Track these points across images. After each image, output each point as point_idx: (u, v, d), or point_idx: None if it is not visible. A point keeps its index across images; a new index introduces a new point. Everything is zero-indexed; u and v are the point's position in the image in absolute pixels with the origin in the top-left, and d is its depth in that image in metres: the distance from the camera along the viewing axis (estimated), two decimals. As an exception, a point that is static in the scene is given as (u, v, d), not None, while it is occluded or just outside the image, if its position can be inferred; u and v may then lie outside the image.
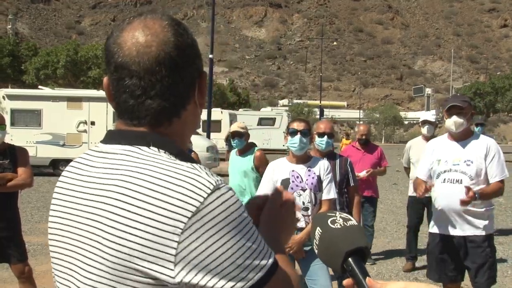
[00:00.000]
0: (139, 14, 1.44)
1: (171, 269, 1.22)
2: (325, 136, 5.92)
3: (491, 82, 47.12)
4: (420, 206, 8.74)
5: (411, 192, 8.73)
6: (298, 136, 4.92)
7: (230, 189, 1.30)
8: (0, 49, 50.75)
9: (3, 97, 23.72)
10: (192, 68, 1.42)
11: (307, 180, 4.94)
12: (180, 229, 1.21)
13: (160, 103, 1.37)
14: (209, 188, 1.24)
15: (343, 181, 6.20)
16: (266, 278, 1.28)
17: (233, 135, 7.01)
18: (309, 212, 4.93)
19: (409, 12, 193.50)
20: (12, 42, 56.84)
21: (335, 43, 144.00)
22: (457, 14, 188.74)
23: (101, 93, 23.06)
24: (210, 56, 28.98)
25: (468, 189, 4.80)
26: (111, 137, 1.42)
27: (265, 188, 5.05)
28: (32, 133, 23.02)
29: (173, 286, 1.24)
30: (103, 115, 22.83)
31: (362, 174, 8.24)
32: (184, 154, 1.39)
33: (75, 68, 47.49)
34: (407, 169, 8.91)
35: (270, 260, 1.30)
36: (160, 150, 1.34)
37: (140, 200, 1.24)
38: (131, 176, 1.28)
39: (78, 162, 1.47)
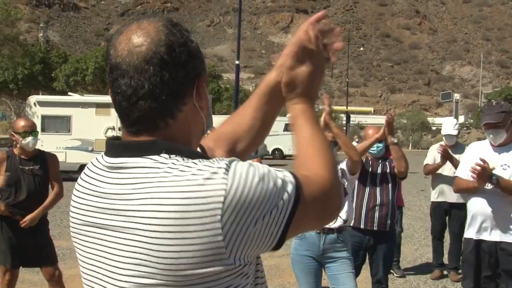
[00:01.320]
0: (139, 18, 1.49)
1: (226, 257, 1.29)
2: (376, 142, 5.95)
3: (522, 88, 46.56)
4: (443, 212, 8.62)
5: (433, 198, 8.67)
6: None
7: (239, 161, 1.35)
8: (32, 56, 51.23)
9: (34, 104, 24.14)
10: (186, 68, 1.41)
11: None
12: (219, 221, 1.26)
13: (151, 103, 1.37)
14: (224, 173, 1.29)
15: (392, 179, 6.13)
16: (295, 207, 1.35)
17: None
18: None
19: (437, 17, 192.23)
20: (43, 50, 57.36)
21: (361, 48, 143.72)
22: (487, 19, 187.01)
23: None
24: (237, 62, 28.95)
25: (484, 161, 4.80)
26: (116, 149, 1.43)
27: None
28: (62, 139, 23.32)
29: (232, 266, 1.32)
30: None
31: None
32: (195, 152, 1.43)
33: (103, 75, 47.70)
34: (428, 167, 8.64)
35: (290, 188, 1.35)
36: (171, 156, 1.35)
37: (177, 211, 1.26)
38: (159, 192, 1.29)
39: (88, 176, 1.48)
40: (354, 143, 7.18)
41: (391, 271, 7.79)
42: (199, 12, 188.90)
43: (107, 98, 27.09)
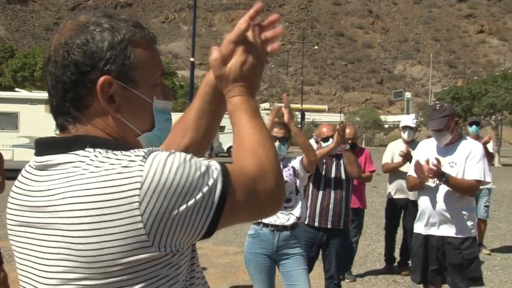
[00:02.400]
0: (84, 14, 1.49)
1: (149, 245, 1.28)
2: (330, 139, 5.93)
3: (468, 87, 47.33)
4: (398, 208, 8.64)
5: (388, 194, 8.70)
6: (277, 143, 4.83)
7: (160, 151, 1.34)
8: (-24, 51, 50.26)
9: None
10: (79, 68, 1.38)
11: (287, 173, 4.96)
12: (138, 208, 1.25)
13: (53, 101, 1.42)
14: (141, 161, 1.28)
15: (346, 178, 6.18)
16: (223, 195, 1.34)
17: None
18: (291, 203, 4.92)
19: (389, 16, 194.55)
20: (-12, 44, 56.30)
21: (316, 47, 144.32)
22: (436, 20, 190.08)
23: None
24: (192, 59, 29.03)
25: (438, 161, 4.98)
26: (43, 148, 1.42)
27: None
28: (9, 136, 22.77)
29: (157, 255, 1.30)
30: None
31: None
32: (120, 144, 1.39)
33: (53, 71, 47.14)
34: (387, 165, 8.67)
35: (216, 174, 1.35)
36: (96, 149, 1.34)
37: (94, 201, 1.26)
38: (77, 185, 1.28)
39: (23, 177, 1.46)
40: (312, 140, 7.17)
41: (343, 276, 7.72)
42: (153, 8, 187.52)
43: (57, 95, 26.97)
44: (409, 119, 9.05)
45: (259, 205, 1.45)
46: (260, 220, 4.86)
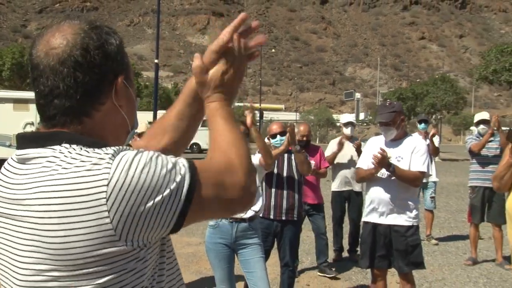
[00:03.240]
0: (62, 20, 1.48)
1: (116, 239, 1.27)
2: (278, 136, 6.00)
3: (412, 88, 48.15)
4: (343, 200, 8.62)
5: (334, 187, 8.62)
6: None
7: (129, 149, 1.33)
8: None
9: None
10: (101, 69, 1.39)
11: None
12: (105, 204, 1.25)
13: (66, 102, 1.37)
14: (110, 159, 1.28)
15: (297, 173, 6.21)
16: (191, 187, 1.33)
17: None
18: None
19: (340, 23, 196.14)
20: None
21: (273, 50, 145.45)
22: (382, 27, 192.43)
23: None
24: (156, 61, 28.73)
25: (383, 150, 5.10)
26: (24, 141, 1.41)
27: None
28: None
29: (124, 249, 1.29)
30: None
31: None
32: (95, 142, 1.37)
33: (21, 71, 46.11)
34: (328, 157, 8.52)
35: (183, 170, 1.34)
36: (72, 145, 1.33)
37: (63, 197, 1.26)
38: (49, 180, 1.28)
39: (5, 169, 1.45)
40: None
41: (323, 273, 7.70)
42: (118, 12, 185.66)
43: (26, 94, 26.20)
44: (350, 117, 9.28)
45: (228, 201, 1.43)
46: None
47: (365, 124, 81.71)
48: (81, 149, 1.32)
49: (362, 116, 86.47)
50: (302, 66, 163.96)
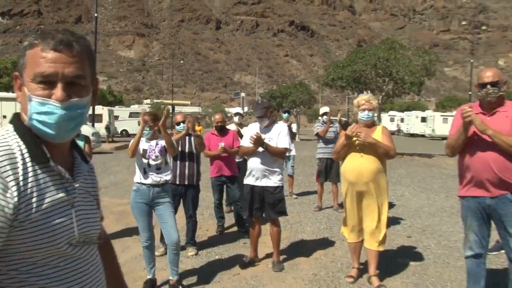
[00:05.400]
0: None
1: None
2: (181, 124, 6.05)
3: (280, 90, 48.94)
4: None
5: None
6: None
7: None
8: None
9: None
10: (18, 67, 1.29)
11: (158, 149, 4.82)
12: None
13: None
14: None
15: (195, 150, 6.20)
16: None
17: None
18: (161, 170, 4.78)
19: (230, 43, 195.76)
20: None
21: (182, 61, 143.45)
22: (259, 46, 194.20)
23: (11, 95, 22.68)
24: None
25: (258, 134, 5.15)
26: None
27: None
28: None
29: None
30: (12, 110, 21.15)
31: (218, 149, 6.88)
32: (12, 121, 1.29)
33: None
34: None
35: None
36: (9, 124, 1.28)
37: None
38: None
39: None
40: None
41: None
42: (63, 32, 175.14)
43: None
44: (239, 109, 9.29)
45: None
46: (140, 181, 4.74)
47: (248, 115, 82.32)
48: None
49: (246, 109, 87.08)
50: (203, 73, 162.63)
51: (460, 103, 63.93)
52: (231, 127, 8.37)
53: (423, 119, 52.25)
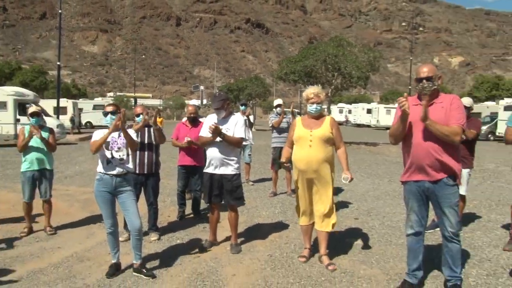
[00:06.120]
0: None
1: None
2: (141, 115, 5.92)
3: (236, 84, 48.85)
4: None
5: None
6: (109, 116, 4.66)
7: None
8: None
9: None
10: None
11: (121, 141, 4.67)
12: None
13: None
14: None
15: (154, 141, 6.04)
16: None
17: (33, 114, 6.15)
18: (124, 161, 4.65)
19: (190, 39, 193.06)
20: None
21: (143, 56, 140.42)
22: (217, 42, 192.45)
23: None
24: (58, 63, 28.20)
25: (216, 125, 5.10)
26: None
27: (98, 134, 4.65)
28: None
29: None
30: None
31: (184, 142, 6.76)
32: None
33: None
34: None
35: None
36: None
37: None
38: None
39: None
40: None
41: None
42: (31, 28, 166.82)
43: None
44: (195, 101, 9.12)
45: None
46: (103, 171, 4.60)
47: (206, 107, 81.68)
48: None
49: (205, 101, 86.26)
50: (164, 68, 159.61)
51: (401, 96, 65.64)
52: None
53: (369, 111, 53.52)
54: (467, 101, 6.13)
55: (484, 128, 30.40)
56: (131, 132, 4.80)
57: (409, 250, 4.18)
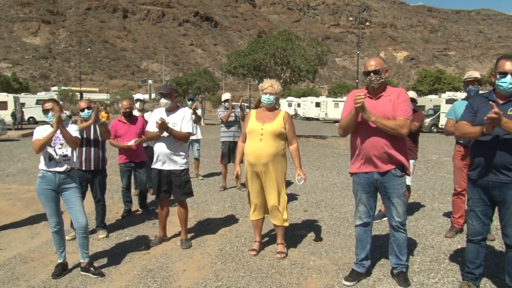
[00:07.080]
0: None
1: None
2: (86, 110, 5.68)
3: (185, 78, 48.30)
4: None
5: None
6: (50, 113, 4.42)
7: None
8: None
9: None
10: None
11: (63, 138, 4.48)
12: None
13: None
14: None
15: (101, 138, 5.86)
16: None
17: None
18: (68, 158, 4.48)
19: (137, 32, 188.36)
20: None
21: (89, 49, 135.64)
22: (166, 35, 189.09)
23: None
24: None
25: (162, 119, 5.03)
26: None
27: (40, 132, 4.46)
28: None
29: None
30: None
31: (131, 143, 6.66)
32: None
33: None
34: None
35: None
36: None
37: None
38: None
39: None
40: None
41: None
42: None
43: None
44: (140, 95, 8.93)
45: None
46: (46, 168, 4.41)
47: (155, 101, 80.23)
48: None
49: (153, 95, 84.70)
50: (111, 61, 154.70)
51: (349, 90, 67.66)
52: (135, 113, 8.15)
53: (317, 104, 54.57)
54: (412, 94, 6.44)
55: (427, 120, 31.83)
56: (72, 128, 4.59)
57: (358, 240, 4.31)
